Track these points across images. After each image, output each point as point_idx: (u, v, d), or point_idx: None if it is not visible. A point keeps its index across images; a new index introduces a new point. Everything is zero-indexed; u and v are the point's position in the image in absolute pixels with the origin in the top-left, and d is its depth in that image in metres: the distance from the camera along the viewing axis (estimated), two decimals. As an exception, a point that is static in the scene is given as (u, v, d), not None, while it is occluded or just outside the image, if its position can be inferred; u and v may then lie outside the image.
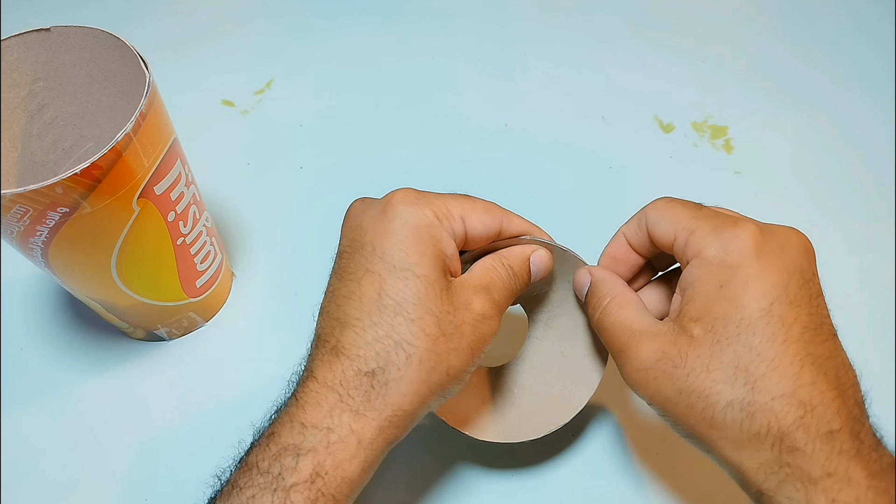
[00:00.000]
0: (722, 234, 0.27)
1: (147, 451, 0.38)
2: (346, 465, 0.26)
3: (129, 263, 0.33)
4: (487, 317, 0.28)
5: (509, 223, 0.31)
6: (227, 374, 0.40)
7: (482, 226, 0.30)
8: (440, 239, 0.28)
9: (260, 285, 0.44)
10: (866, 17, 0.60)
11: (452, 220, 0.29)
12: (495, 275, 0.30)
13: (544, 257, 0.32)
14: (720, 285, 0.26)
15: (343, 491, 0.26)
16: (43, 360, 0.41)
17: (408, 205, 0.28)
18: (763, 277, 0.26)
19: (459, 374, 0.28)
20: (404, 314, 0.27)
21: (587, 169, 0.50)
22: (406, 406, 0.26)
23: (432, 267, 0.27)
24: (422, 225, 0.28)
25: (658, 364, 0.27)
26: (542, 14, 0.60)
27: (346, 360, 0.26)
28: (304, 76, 0.56)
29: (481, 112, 0.53)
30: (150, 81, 0.30)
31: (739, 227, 0.27)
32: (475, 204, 0.30)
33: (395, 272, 0.27)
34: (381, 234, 0.28)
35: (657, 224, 0.30)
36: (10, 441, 0.38)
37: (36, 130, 0.35)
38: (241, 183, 0.49)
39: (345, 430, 0.26)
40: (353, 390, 0.26)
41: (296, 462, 0.25)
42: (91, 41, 0.32)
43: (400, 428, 0.27)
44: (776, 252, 0.26)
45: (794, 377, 0.25)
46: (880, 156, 0.51)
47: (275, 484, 0.25)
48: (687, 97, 0.54)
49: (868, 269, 0.45)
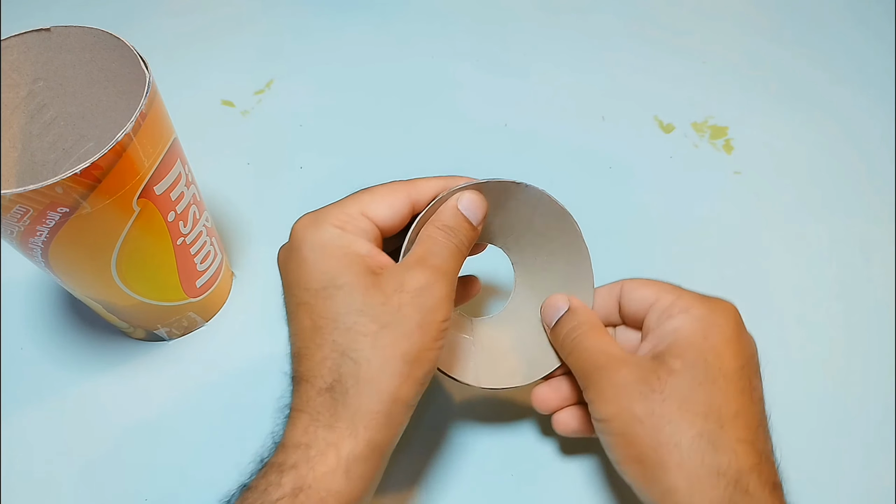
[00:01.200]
0: (707, 303, 0.30)
1: (147, 450, 0.38)
2: (329, 478, 0.26)
3: (129, 263, 0.33)
4: (426, 286, 0.28)
5: (419, 191, 0.31)
6: (227, 374, 0.40)
7: (388, 210, 0.30)
8: (349, 245, 0.29)
9: (260, 285, 0.44)
10: (866, 16, 0.60)
11: (356, 221, 0.29)
12: (430, 242, 0.30)
13: (471, 197, 0.31)
14: (704, 337, 0.29)
15: (329, 502, 0.26)
16: (43, 360, 0.41)
17: (308, 229, 0.29)
18: (738, 344, 0.29)
19: (419, 355, 0.28)
20: (340, 327, 0.27)
21: (587, 169, 0.50)
22: (373, 406, 0.27)
23: (351, 273, 0.28)
24: (326, 241, 0.29)
25: (636, 384, 0.29)
26: (542, 14, 0.60)
27: (306, 384, 0.28)
28: (303, 76, 0.56)
29: (481, 112, 0.53)
30: (150, 81, 0.30)
31: (722, 301, 0.31)
32: (374, 193, 0.30)
33: (319, 295, 0.28)
34: (296, 268, 0.29)
35: (636, 291, 0.32)
36: (10, 441, 0.38)
37: (36, 130, 0.35)
38: (241, 183, 0.49)
39: (321, 443, 0.26)
40: (319, 407, 0.27)
41: (279, 477, 0.26)
42: (91, 41, 0.32)
43: (377, 430, 0.27)
44: (745, 333, 0.31)
45: (754, 430, 0.28)
46: (880, 156, 0.51)
47: (261, 499, 0.26)
48: (687, 97, 0.54)
49: (868, 268, 0.45)
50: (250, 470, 0.28)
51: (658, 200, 0.48)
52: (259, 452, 0.28)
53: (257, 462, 0.28)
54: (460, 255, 0.30)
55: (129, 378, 0.40)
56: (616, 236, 0.45)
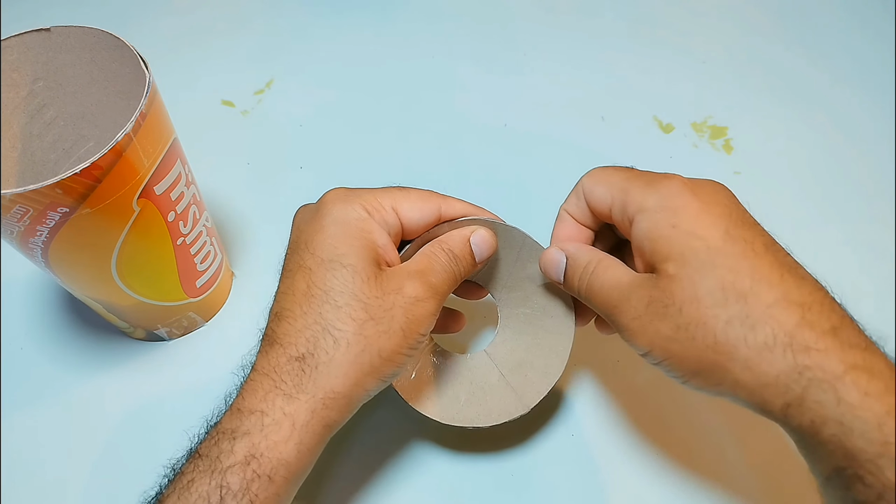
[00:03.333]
0: (656, 187, 0.28)
1: (147, 450, 0.38)
2: (282, 447, 0.26)
3: (129, 263, 0.33)
4: (421, 299, 0.29)
5: (449, 207, 0.32)
6: (227, 374, 0.40)
7: (417, 213, 0.31)
8: (370, 231, 0.29)
9: (260, 285, 0.44)
10: (866, 17, 0.60)
11: (384, 212, 0.30)
12: (433, 259, 0.31)
13: (485, 236, 0.32)
14: (672, 226, 0.27)
15: (279, 472, 0.26)
16: (43, 360, 0.41)
17: (338, 202, 0.30)
18: (707, 210, 0.27)
19: (393, 356, 0.28)
20: (331, 302, 0.28)
21: (587, 169, 0.49)
22: (338, 388, 0.27)
23: (360, 257, 0.29)
24: (350, 219, 0.29)
25: (650, 308, 0.27)
26: (542, 14, 0.60)
27: (279, 348, 0.28)
28: (304, 76, 0.56)
29: (481, 112, 0.53)
30: (150, 81, 0.30)
31: (669, 178, 0.29)
32: (409, 194, 0.31)
33: (323, 265, 0.28)
34: (313, 233, 0.29)
35: (593, 191, 0.31)
36: (10, 441, 0.38)
37: (36, 130, 0.35)
38: (241, 183, 0.49)
39: (278, 413, 0.27)
40: (285, 375, 0.27)
41: (231, 445, 0.26)
42: (91, 41, 0.32)
43: (335, 410, 0.28)
44: (708, 192, 0.28)
45: (779, 283, 0.25)
46: (880, 156, 0.51)
47: (213, 466, 0.26)
48: (687, 97, 0.54)
49: (868, 269, 0.45)
50: (199, 435, 0.28)
51: (658, 200, 0.48)
52: (207, 417, 0.28)
53: (205, 427, 0.28)
54: (455, 281, 0.31)
55: (129, 378, 0.40)
56: (616, 236, 0.45)
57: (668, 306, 0.27)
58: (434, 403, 0.34)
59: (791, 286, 0.25)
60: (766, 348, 0.25)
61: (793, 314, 0.25)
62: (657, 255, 0.27)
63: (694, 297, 0.26)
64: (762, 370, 0.25)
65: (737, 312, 0.25)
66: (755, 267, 0.26)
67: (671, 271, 0.27)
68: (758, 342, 0.25)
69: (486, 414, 0.34)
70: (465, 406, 0.34)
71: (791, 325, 0.25)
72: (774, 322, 0.25)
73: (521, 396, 0.34)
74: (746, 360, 0.25)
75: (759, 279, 0.25)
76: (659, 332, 0.27)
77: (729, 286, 0.26)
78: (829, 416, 0.24)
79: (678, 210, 0.27)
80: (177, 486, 0.26)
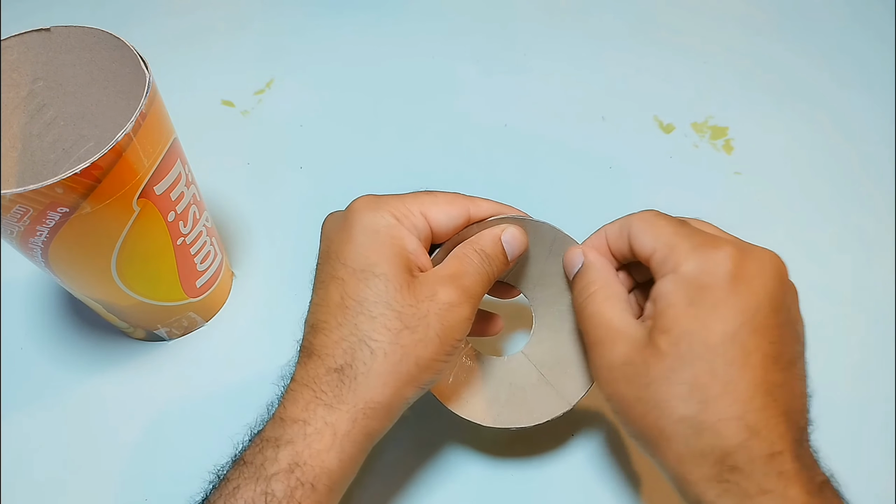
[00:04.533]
0: (700, 254, 0.27)
1: (147, 450, 0.38)
2: (324, 456, 0.27)
3: (129, 263, 0.33)
4: (455, 304, 0.29)
5: (477, 209, 0.32)
6: (227, 374, 0.40)
7: (445, 217, 0.31)
8: (400, 237, 0.29)
9: (260, 285, 0.44)
10: (866, 17, 0.60)
11: (413, 218, 0.30)
12: (465, 262, 0.30)
13: (515, 233, 0.32)
14: (690, 303, 0.27)
15: (322, 480, 0.27)
16: (43, 360, 0.41)
17: (366, 210, 0.29)
18: (732, 303, 0.26)
19: (431, 363, 0.28)
20: (366, 313, 0.28)
21: (587, 169, 0.50)
22: (377, 397, 0.27)
23: (392, 265, 0.28)
24: (380, 227, 0.29)
25: (623, 367, 0.28)
26: (542, 14, 0.60)
27: (317, 360, 0.28)
28: (304, 76, 0.56)
29: (481, 112, 0.53)
30: (150, 81, 0.30)
31: (718, 249, 0.27)
32: (436, 198, 0.31)
33: (356, 275, 0.28)
34: (343, 242, 0.29)
35: (640, 236, 0.30)
36: (10, 441, 0.38)
37: (36, 130, 0.35)
38: (241, 183, 0.49)
39: (319, 422, 0.27)
40: (325, 386, 0.28)
41: (276, 453, 0.27)
42: (91, 41, 0.32)
43: (376, 420, 0.28)
44: (749, 278, 0.27)
45: (745, 402, 0.26)
46: (880, 156, 0.51)
47: (257, 474, 0.26)
48: (687, 97, 0.54)
49: (868, 269, 0.45)
50: (242, 442, 0.28)
51: (658, 200, 0.48)
52: (251, 425, 0.29)
53: (249, 435, 0.28)
54: (489, 282, 0.31)
55: (129, 378, 0.40)
56: (616, 236, 0.45)
57: (639, 376, 0.27)
58: (474, 406, 0.34)
59: (755, 407, 0.26)
60: (701, 455, 0.26)
61: (738, 435, 0.25)
62: (662, 320, 0.27)
63: (664, 380, 0.27)
64: (689, 469, 0.26)
65: (692, 414, 0.26)
66: (733, 379, 0.26)
67: (661, 346, 0.27)
68: (696, 447, 0.26)
69: (528, 414, 0.34)
70: (506, 407, 0.34)
71: (731, 445, 0.25)
72: (718, 437, 0.26)
73: (562, 394, 0.34)
74: (680, 456, 0.26)
75: (729, 392, 0.26)
76: (620, 391, 0.28)
77: (700, 386, 0.26)
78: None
79: (704, 290, 0.27)
80: (223, 493, 0.26)
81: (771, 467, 0.25)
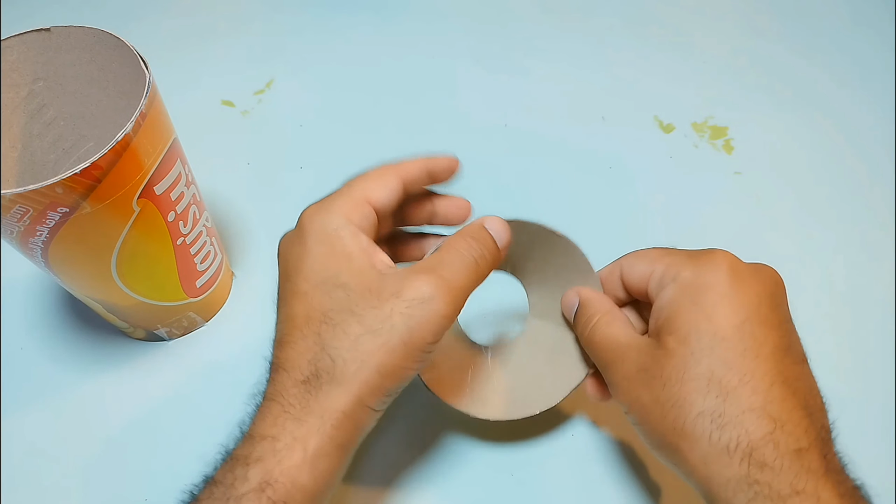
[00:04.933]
0: (696, 261, 0.28)
1: (147, 450, 0.38)
2: (295, 472, 0.26)
3: (129, 263, 0.33)
4: (426, 298, 0.26)
5: (406, 170, 0.31)
6: (227, 374, 0.40)
7: (385, 189, 0.30)
8: (354, 238, 0.28)
9: (260, 285, 0.44)
10: (866, 17, 0.60)
11: (361, 208, 0.29)
12: (447, 250, 0.28)
13: (496, 219, 0.30)
14: (693, 302, 0.27)
15: (295, 498, 0.26)
16: (43, 360, 0.41)
17: (315, 218, 0.29)
18: (735, 297, 0.27)
19: (395, 370, 0.27)
20: (328, 322, 0.27)
21: (587, 169, 0.50)
22: (340, 407, 0.26)
23: (352, 272, 0.27)
24: (331, 233, 0.28)
25: (639, 374, 0.28)
26: (542, 14, 0.60)
27: (283, 374, 0.27)
28: (303, 76, 0.56)
29: (481, 112, 0.53)
30: (150, 81, 0.30)
31: (714, 254, 0.28)
32: (367, 178, 0.30)
33: (318, 287, 0.28)
34: (299, 258, 0.29)
35: (633, 265, 0.31)
36: (10, 441, 0.38)
37: (36, 130, 0.35)
38: (241, 183, 0.49)
39: (288, 437, 0.26)
40: (292, 398, 0.27)
41: (245, 471, 0.26)
42: (91, 41, 0.32)
43: (344, 430, 0.27)
44: (747, 277, 0.28)
45: (764, 392, 0.25)
46: (880, 156, 0.51)
47: (227, 493, 0.25)
48: (687, 97, 0.54)
49: (868, 269, 0.45)
50: (214, 461, 0.28)
51: (658, 200, 0.48)
52: (224, 443, 0.28)
53: (222, 453, 0.28)
54: (477, 270, 0.28)
55: (129, 378, 0.40)
56: (616, 236, 0.45)
57: (654, 378, 0.27)
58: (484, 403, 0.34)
59: (775, 398, 0.25)
60: (726, 452, 0.25)
61: (763, 426, 0.25)
62: (668, 325, 0.28)
63: (680, 378, 0.26)
64: (716, 470, 0.25)
65: (712, 407, 0.26)
66: (750, 369, 0.26)
67: (670, 345, 0.27)
68: (720, 443, 0.25)
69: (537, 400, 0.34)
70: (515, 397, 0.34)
71: (757, 437, 0.25)
72: (743, 429, 0.25)
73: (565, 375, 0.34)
74: (705, 455, 0.25)
75: (747, 382, 0.26)
76: (639, 399, 0.28)
77: (716, 379, 0.26)
78: None
79: (706, 288, 0.27)
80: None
81: (800, 464, 0.24)
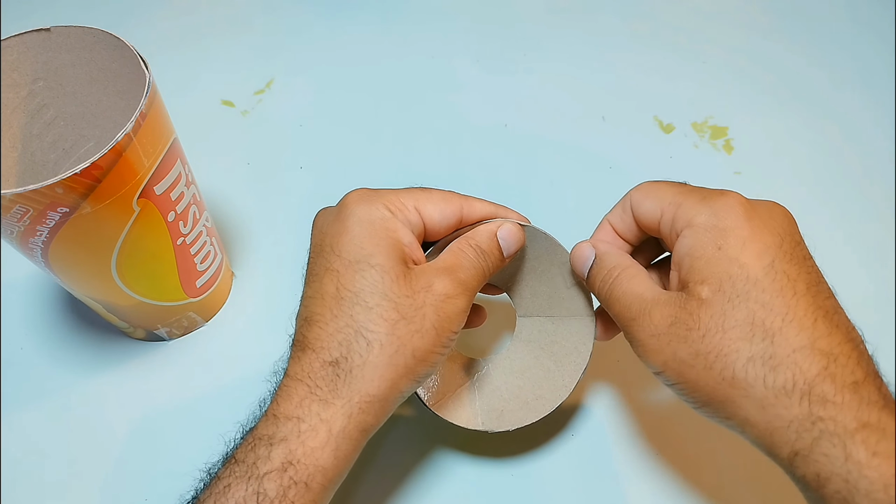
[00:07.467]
0: (710, 203, 0.28)
1: (147, 450, 0.38)
2: (318, 454, 0.26)
3: (129, 263, 0.33)
4: (451, 296, 0.28)
5: (470, 208, 0.31)
6: (228, 374, 0.40)
7: (439, 214, 0.30)
8: (394, 230, 0.29)
9: (260, 285, 0.44)
10: (866, 17, 0.60)
11: (407, 212, 0.30)
12: (461, 256, 0.30)
13: (512, 229, 0.32)
14: (718, 247, 0.26)
15: (316, 479, 0.26)
16: (43, 360, 0.41)
17: (360, 203, 0.29)
18: (757, 238, 0.26)
19: (427, 355, 0.28)
20: (362, 303, 0.27)
21: (587, 169, 0.50)
22: (373, 391, 0.27)
23: (387, 256, 0.28)
24: (375, 219, 0.29)
25: (672, 328, 0.27)
26: (542, 14, 0.60)
27: (311, 353, 0.27)
28: (304, 76, 0.56)
29: (481, 112, 0.53)
30: (150, 81, 0.30)
31: (726, 196, 0.28)
32: (430, 194, 0.31)
33: (351, 266, 0.28)
34: (337, 234, 0.29)
35: (642, 203, 0.30)
36: (10, 441, 0.38)
37: (36, 130, 0.35)
38: (241, 183, 0.49)
39: (314, 419, 0.26)
40: (319, 380, 0.27)
41: (269, 451, 0.26)
42: (91, 41, 0.32)
43: (371, 414, 0.27)
44: (764, 217, 0.27)
45: (810, 329, 0.25)
46: (880, 156, 0.51)
47: (249, 472, 0.26)
48: (687, 97, 0.54)
49: (868, 268, 0.45)
50: (234, 440, 0.28)
51: (658, 200, 0.48)
52: (243, 423, 0.28)
53: (241, 432, 0.28)
54: (483, 277, 0.31)
55: (129, 378, 0.40)
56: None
57: (691, 330, 0.26)
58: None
59: (822, 333, 0.25)
60: (784, 393, 0.24)
61: (817, 363, 0.24)
62: (695, 274, 0.27)
63: (720, 327, 0.26)
64: (775, 413, 0.24)
65: (761, 351, 0.25)
66: (790, 307, 0.25)
67: (704, 295, 0.26)
68: (776, 385, 0.24)
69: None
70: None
71: (813, 374, 0.24)
72: (797, 368, 0.24)
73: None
74: (762, 400, 0.25)
75: (790, 321, 0.25)
76: (676, 355, 0.27)
77: (759, 322, 0.25)
78: (836, 471, 0.23)
79: (727, 231, 0.27)
80: (213, 491, 0.26)
81: (860, 397, 0.24)
